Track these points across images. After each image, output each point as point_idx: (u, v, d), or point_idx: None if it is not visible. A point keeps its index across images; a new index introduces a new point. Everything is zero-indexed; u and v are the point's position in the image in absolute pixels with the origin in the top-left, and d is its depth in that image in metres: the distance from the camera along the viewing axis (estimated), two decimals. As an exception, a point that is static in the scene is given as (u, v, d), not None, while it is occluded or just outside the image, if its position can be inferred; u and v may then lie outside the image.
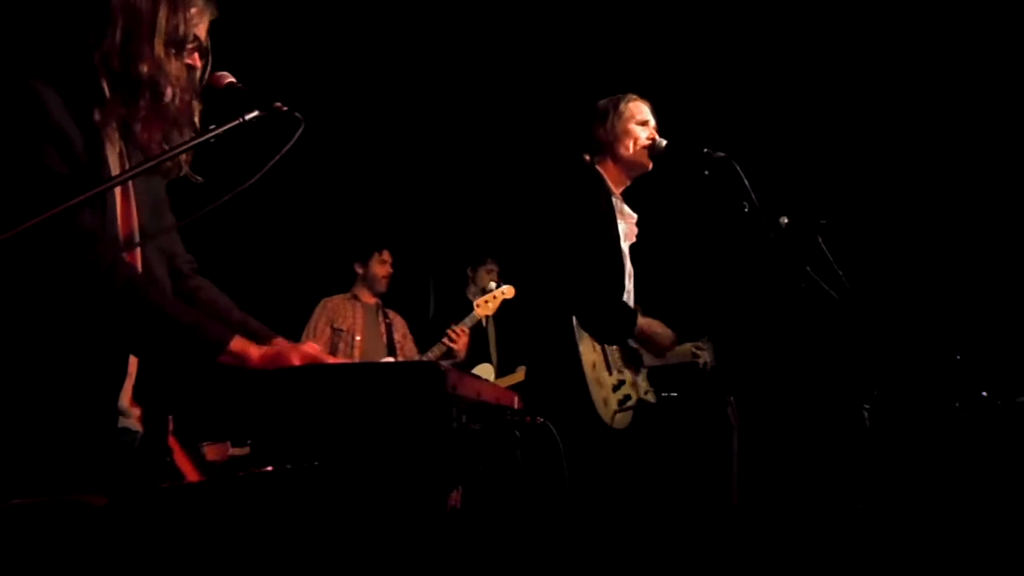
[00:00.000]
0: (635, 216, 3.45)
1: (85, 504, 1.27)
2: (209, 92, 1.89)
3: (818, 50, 5.05)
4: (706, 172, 2.98)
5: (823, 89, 5.15)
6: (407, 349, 5.38)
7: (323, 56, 5.26)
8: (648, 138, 3.34)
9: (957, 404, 3.77)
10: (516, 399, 2.00)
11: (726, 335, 5.23)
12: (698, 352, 3.61)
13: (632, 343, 3.39)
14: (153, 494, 1.45)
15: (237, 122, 1.73)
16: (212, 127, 1.76)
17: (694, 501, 3.95)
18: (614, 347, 3.31)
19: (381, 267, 5.33)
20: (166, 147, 1.81)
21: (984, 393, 3.70)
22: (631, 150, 3.34)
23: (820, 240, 2.94)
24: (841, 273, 2.87)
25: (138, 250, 1.84)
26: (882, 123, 5.10)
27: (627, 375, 3.33)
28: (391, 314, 5.46)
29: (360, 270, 5.35)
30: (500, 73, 5.52)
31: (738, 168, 2.84)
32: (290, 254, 5.90)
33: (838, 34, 4.97)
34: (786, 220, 2.96)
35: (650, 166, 3.37)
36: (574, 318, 3.13)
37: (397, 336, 5.36)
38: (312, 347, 1.76)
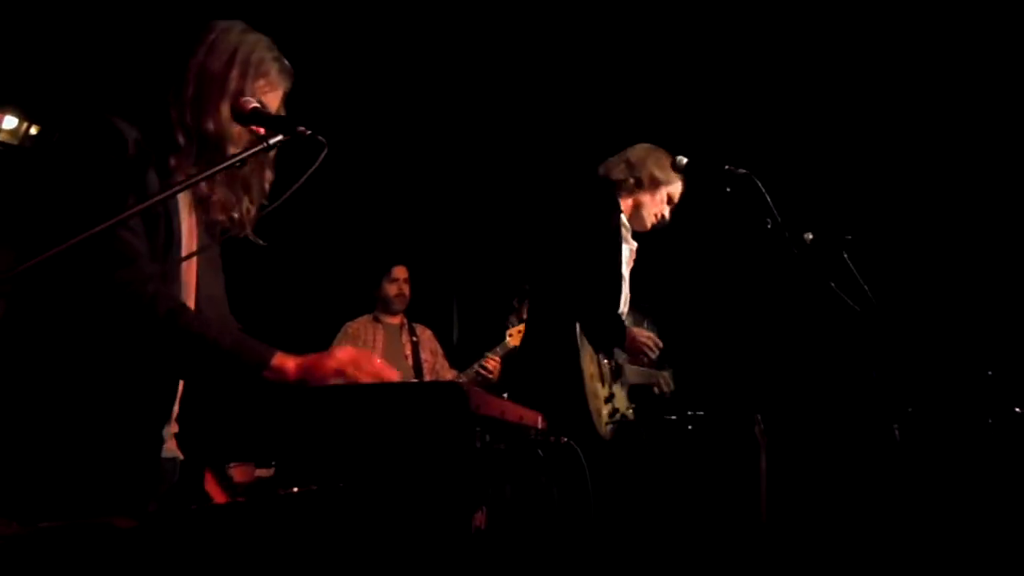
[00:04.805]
0: (635, 244, 3.53)
1: (112, 526, 1.28)
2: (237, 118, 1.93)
3: (843, 65, 5.03)
4: (728, 189, 2.97)
5: (847, 104, 5.13)
6: (437, 367, 5.34)
7: (349, 83, 5.30)
8: (663, 216, 3.55)
9: (989, 420, 3.71)
10: (540, 418, 2.00)
11: (752, 352, 5.20)
12: (663, 380, 3.75)
13: (620, 357, 3.46)
14: (180, 516, 1.45)
15: (261, 147, 1.76)
16: (236, 152, 1.80)
17: (722, 519, 3.91)
18: (605, 361, 3.37)
19: (391, 286, 5.26)
20: (233, 201, 1.92)
21: (1017, 409, 3.64)
22: (648, 216, 3.53)
23: (845, 256, 2.92)
24: (867, 289, 2.85)
25: (193, 270, 1.92)
26: (909, 137, 5.06)
27: (615, 389, 3.35)
28: (419, 330, 5.37)
29: (376, 294, 5.35)
30: (526, 90, 5.54)
31: (760, 184, 2.82)
32: (315, 279, 5.92)
33: (864, 50, 4.95)
34: (810, 236, 2.94)
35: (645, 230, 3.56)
36: (578, 327, 3.16)
37: (424, 355, 5.29)
38: (347, 350, 1.79)
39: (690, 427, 3.65)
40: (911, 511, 3.31)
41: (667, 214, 3.54)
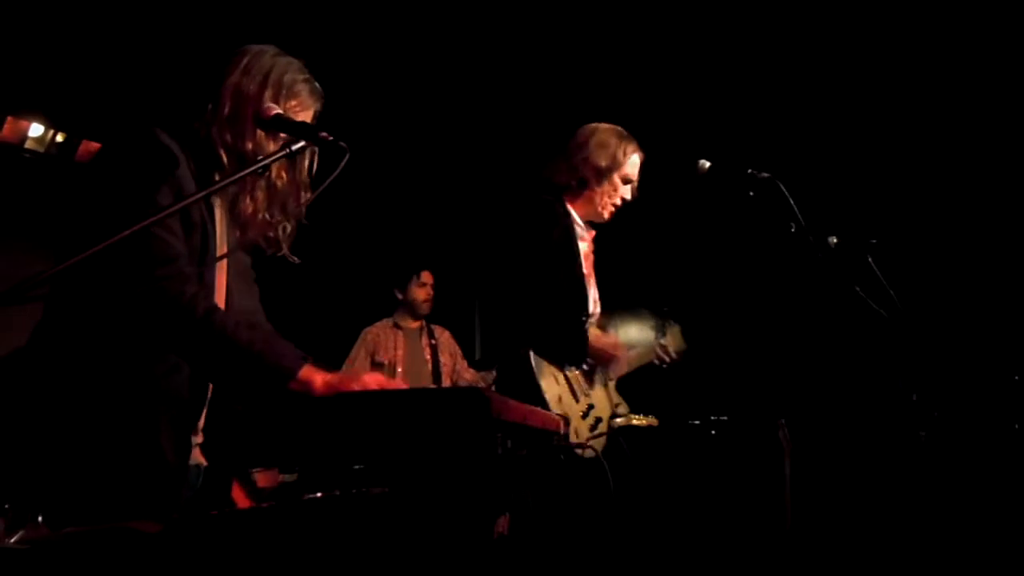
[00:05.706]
0: (593, 232, 3.38)
1: (138, 531, 1.29)
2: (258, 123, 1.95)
3: (869, 68, 4.99)
4: (751, 193, 2.94)
5: (873, 106, 5.09)
6: (458, 367, 5.33)
7: (368, 89, 5.32)
8: (623, 200, 3.29)
9: (1017, 425, 3.68)
10: (562, 424, 1.99)
11: (776, 357, 5.17)
12: (661, 349, 3.50)
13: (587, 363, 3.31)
14: (205, 521, 1.46)
15: (284, 153, 1.78)
16: (260, 158, 1.82)
17: (747, 524, 3.89)
18: (576, 372, 3.23)
19: (421, 290, 5.25)
20: (268, 218, 1.96)
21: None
22: (605, 207, 3.28)
23: (870, 260, 2.89)
24: (893, 293, 2.82)
25: (224, 278, 1.96)
26: (935, 141, 5.01)
27: (594, 396, 3.27)
28: (438, 332, 5.37)
29: (400, 296, 5.30)
30: (544, 95, 5.53)
31: (783, 188, 2.80)
32: (332, 284, 5.93)
33: (891, 52, 4.91)
34: (835, 240, 2.91)
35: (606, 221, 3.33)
36: (531, 354, 3.03)
37: (443, 357, 5.28)
38: (377, 377, 1.80)
39: (714, 432, 3.62)
40: (937, 517, 3.28)
41: (628, 195, 3.30)
